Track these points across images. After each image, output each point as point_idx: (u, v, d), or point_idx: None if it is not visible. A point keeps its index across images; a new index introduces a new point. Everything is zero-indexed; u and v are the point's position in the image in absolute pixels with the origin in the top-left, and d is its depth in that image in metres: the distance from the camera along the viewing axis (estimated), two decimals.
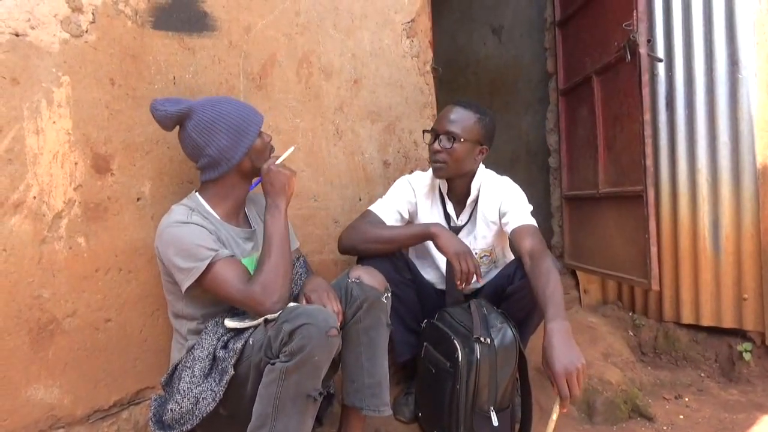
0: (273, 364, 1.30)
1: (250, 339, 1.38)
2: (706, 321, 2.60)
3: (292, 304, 1.45)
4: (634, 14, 2.16)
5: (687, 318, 2.65)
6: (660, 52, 2.65)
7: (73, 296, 1.49)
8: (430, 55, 2.42)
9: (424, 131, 2.00)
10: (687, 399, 2.29)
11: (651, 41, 2.53)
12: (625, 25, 2.19)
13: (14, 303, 1.40)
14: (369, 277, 1.61)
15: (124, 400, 1.60)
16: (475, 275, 1.74)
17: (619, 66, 2.34)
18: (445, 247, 1.78)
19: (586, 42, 2.70)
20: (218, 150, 1.47)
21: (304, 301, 1.52)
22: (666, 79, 2.66)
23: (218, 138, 1.46)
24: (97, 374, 1.54)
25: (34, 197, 1.43)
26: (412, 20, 2.33)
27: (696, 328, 2.66)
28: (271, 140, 1.60)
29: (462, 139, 1.87)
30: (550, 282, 1.56)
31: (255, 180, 1.59)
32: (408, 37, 2.32)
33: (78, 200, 1.49)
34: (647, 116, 2.16)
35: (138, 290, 1.61)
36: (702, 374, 2.54)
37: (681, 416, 2.13)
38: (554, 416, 1.42)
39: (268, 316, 1.38)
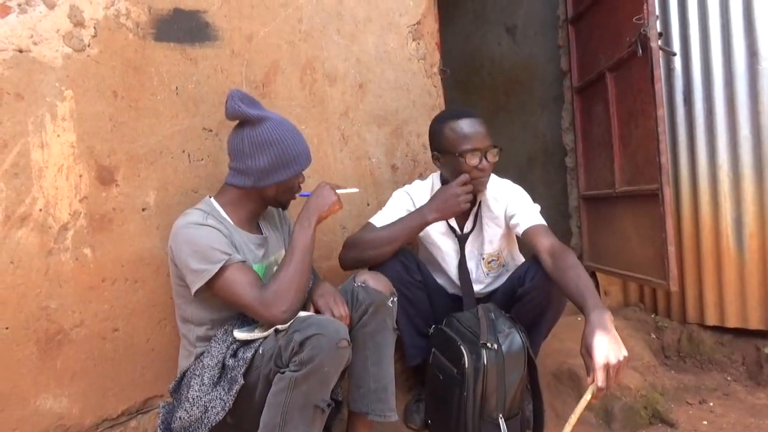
0: (282, 373, 1.30)
1: (261, 348, 1.39)
2: (732, 322, 2.50)
3: (302, 313, 1.45)
4: (645, 8, 2.10)
5: (711, 319, 2.56)
6: (676, 46, 2.58)
7: (80, 306, 1.51)
8: (437, 57, 2.40)
9: (458, 154, 1.80)
10: (712, 404, 2.21)
11: (663, 35, 2.47)
12: (636, 19, 2.13)
13: (22, 314, 1.42)
14: (375, 281, 1.61)
15: (132, 409, 1.61)
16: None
17: (631, 61, 2.28)
18: (446, 214, 1.80)
19: (599, 38, 2.65)
20: (255, 167, 1.50)
21: (311, 307, 1.52)
22: (683, 73, 2.59)
23: (263, 158, 1.49)
24: (105, 383, 1.56)
25: (40, 210, 1.45)
26: (418, 22, 2.32)
27: (721, 329, 2.57)
28: (303, 181, 1.62)
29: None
30: (581, 275, 1.53)
31: (305, 192, 1.62)
32: (414, 40, 2.31)
33: (83, 212, 1.52)
34: (660, 112, 2.09)
35: (144, 300, 1.62)
36: (728, 378, 2.44)
37: (705, 422, 2.05)
38: (583, 403, 1.35)
39: (279, 327, 1.38)
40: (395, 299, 1.63)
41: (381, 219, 1.89)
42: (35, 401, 1.44)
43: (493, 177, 1.97)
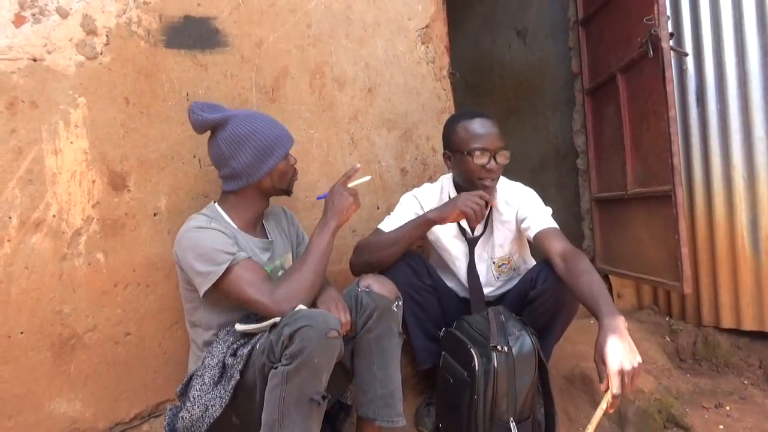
0: (275, 368, 1.30)
1: (257, 344, 1.39)
2: (748, 325, 2.47)
3: (297, 307, 1.44)
4: (655, 8, 2.08)
5: (727, 322, 2.53)
6: (688, 46, 2.55)
7: (93, 311, 1.53)
8: (446, 60, 2.39)
9: (467, 152, 1.80)
10: (728, 408, 2.17)
11: (675, 35, 2.44)
12: (646, 20, 2.11)
13: (36, 319, 1.44)
14: (379, 285, 1.59)
15: (145, 413, 1.63)
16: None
17: (642, 63, 2.26)
18: (450, 217, 1.74)
19: (610, 39, 2.63)
20: (241, 165, 1.50)
21: None
22: (696, 74, 2.56)
23: (244, 154, 1.49)
24: (118, 387, 1.57)
25: (54, 215, 1.47)
26: (427, 26, 2.32)
27: (737, 332, 2.53)
28: (296, 163, 1.62)
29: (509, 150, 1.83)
30: (594, 279, 1.52)
31: (322, 194, 1.64)
32: (423, 44, 2.31)
33: (96, 217, 1.54)
34: (672, 113, 2.07)
35: (156, 304, 1.64)
36: (745, 381, 2.40)
37: (721, 426, 2.02)
38: (599, 412, 1.34)
39: (276, 319, 1.38)
40: (400, 303, 1.62)
41: (389, 224, 1.88)
42: (49, 405, 1.46)
43: (503, 180, 1.96)
